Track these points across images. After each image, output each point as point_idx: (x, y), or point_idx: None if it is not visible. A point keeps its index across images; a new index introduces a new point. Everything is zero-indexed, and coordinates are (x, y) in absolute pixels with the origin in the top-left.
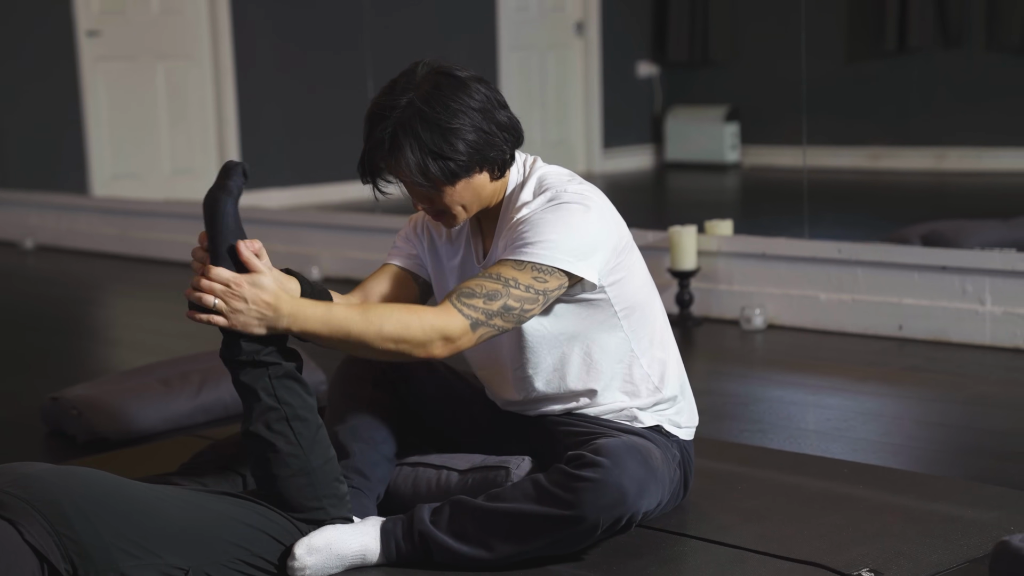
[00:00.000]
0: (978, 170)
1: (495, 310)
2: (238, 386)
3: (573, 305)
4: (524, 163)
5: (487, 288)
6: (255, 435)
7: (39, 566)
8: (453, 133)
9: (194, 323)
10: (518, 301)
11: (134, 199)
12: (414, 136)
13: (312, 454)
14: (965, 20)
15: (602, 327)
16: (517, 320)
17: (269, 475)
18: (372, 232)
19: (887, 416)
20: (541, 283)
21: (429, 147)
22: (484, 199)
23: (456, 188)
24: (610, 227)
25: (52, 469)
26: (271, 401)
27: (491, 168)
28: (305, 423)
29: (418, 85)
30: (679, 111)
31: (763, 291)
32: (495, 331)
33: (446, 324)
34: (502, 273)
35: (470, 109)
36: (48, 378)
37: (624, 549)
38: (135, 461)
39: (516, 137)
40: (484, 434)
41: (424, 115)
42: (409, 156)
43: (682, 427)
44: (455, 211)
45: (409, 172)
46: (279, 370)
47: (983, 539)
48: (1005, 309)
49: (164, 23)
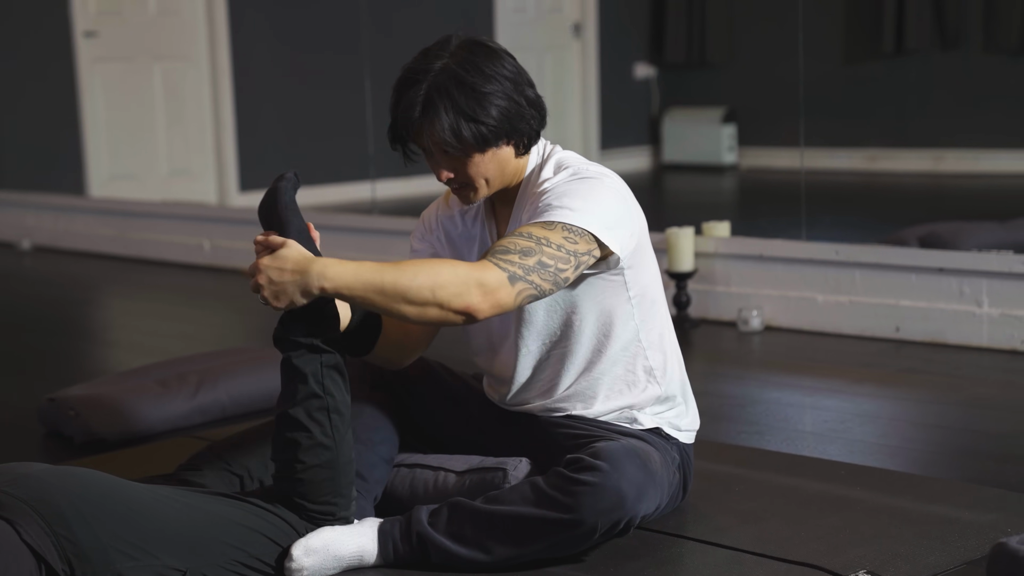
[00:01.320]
0: (976, 172)
1: (531, 265)
2: (287, 367)
3: (591, 279)
4: (543, 147)
5: (520, 245)
6: (293, 419)
7: (36, 566)
8: (486, 98)
9: (193, 323)
10: (552, 259)
11: (131, 200)
12: (449, 98)
13: (341, 451)
14: (963, 22)
15: (614, 308)
16: (553, 281)
17: (294, 460)
18: (370, 233)
19: (884, 418)
20: (572, 244)
21: (464, 109)
22: (507, 176)
23: (484, 157)
24: (631, 207)
25: (50, 470)
26: (317, 388)
27: (518, 141)
28: (342, 418)
29: (452, 52)
30: (676, 112)
31: (760, 293)
32: (533, 289)
33: (482, 274)
34: (532, 232)
35: (503, 78)
36: (45, 379)
37: (621, 551)
38: (133, 462)
39: (541, 115)
40: (482, 435)
41: (460, 78)
42: (444, 117)
43: (682, 430)
44: (478, 184)
45: (443, 134)
46: (331, 359)
47: (980, 541)
48: (1002, 311)
49: (161, 24)
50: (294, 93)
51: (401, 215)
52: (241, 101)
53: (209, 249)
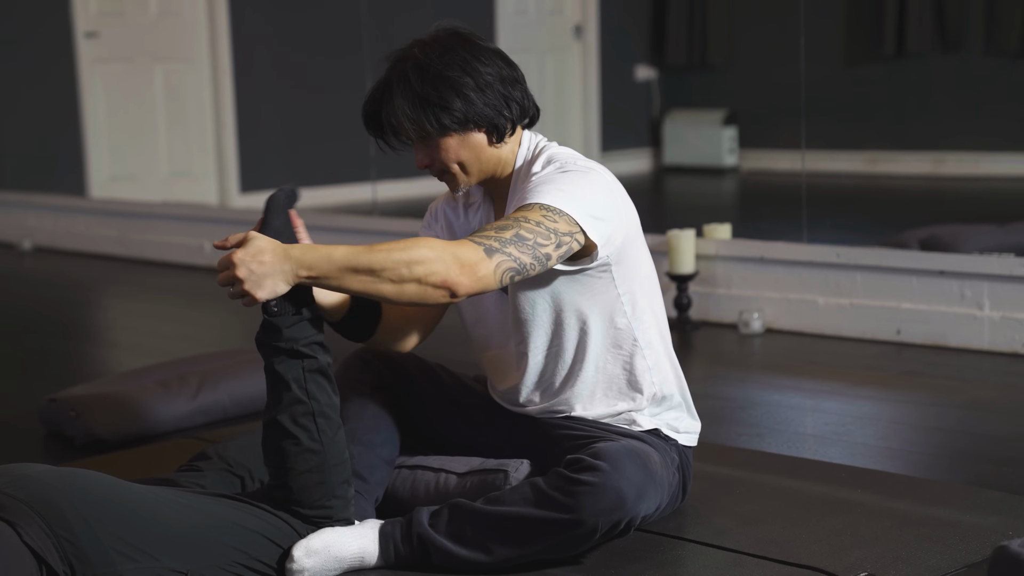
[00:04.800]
0: (976, 175)
1: (507, 238)
2: (270, 374)
3: (576, 275)
4: (536, 143)
5: (496, 224)
6: (280, 425)
7: (37, 568)
8: (446, 82)
9: (194, 324)
10: (530, 233)
11: (132, 201)
12: (406, 81)
13: (330, 453)
14: (963, 25)
15: (607, 308)
16: (532, 255)
17: (284, 467)
18: (371, 235)
19: (885, 420)
20: (551, 222)
21: (419, 93)
22: (485, 164)
23: (452, 142)
24: (618, 203)
25: (50, 471)
26: (301, 394)
27: (489, 130)
28: (329, 421)
29: (424, 40)
30: (677, 115)
31: (761, 295)
32: (512, 262)
33: (457, 249)
34: (510, 215)
35: (471, 67)
36: (46, 380)
37: (622, 553)
38: (133, 463)
39: (522, 111)
40: (483, 437)
41: (419, 63)
42: (399, 100)
43: (681, 432)
44: (453, 169)
45: (400, 117)
46: (314, 364)
47: (981, 544)
48: (1003, 314)
49: (162, 25)
50: (295, 95)
51: (402, 216)
52: (242, 102)
53: (210, 250)
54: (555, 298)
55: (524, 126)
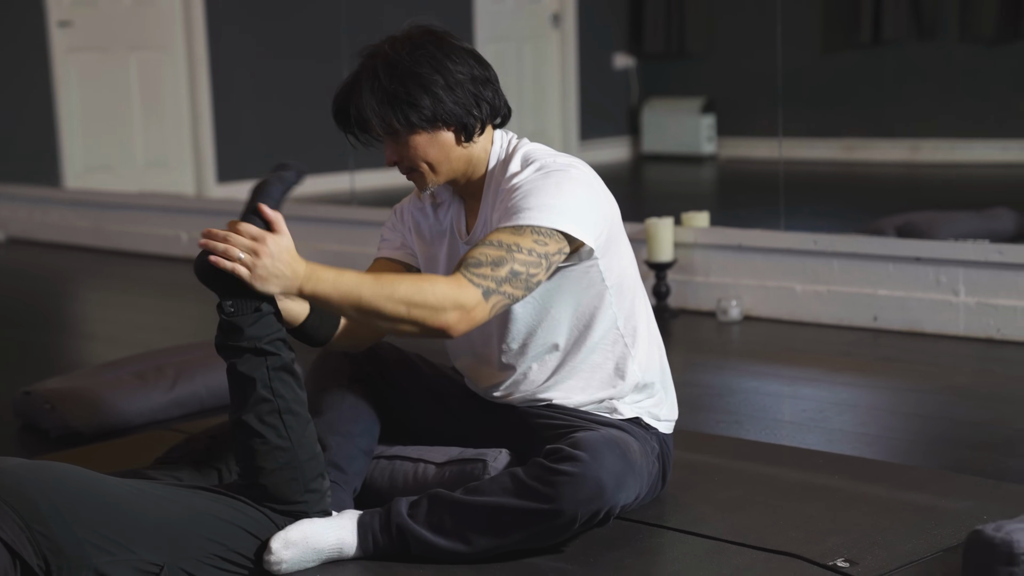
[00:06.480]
0: (952, 161)
1: (503, 276)
2: (232, 374)
3: (563, 270)
4: (508, 141)
5: (491, 256)
6: (246, 425)
7: (11, 562)
8: (414, 79)
9: (170, 316)
10: (523, 265)
11: (107, 191)
12: (375, 77)
13: (300, 449)
14: (939, 12)
15: (591, 298)
16: (525, 287)
17: (255, 466)
18: (349, 224)
19: (862, 407)
20: (542, 246)
21: (387, 89)
22: (455, 163)
23: (420, 140)
24: (599, 195)
25: (24, 464)
26: (266, 393)
27: (458, 129)
28: (296, 417)
29: (396, 37)
30: (655, 103)
31: (739, 283)
32: (507, 299)
33: (459, 294)
34: (503, 240)
35: (443, 67)
36: (21, 372)
37: (602, 541)
38: (109, 455)
39: (493, 111)
40: (461, 427)
41: (389, 59)
42: (367, 96)
43: (661, 420)
44: (421, 168)
45: (365, 112)
46: (277, 361)
47: (957, 528)
48: (979, 300)
49: (137, 14)
50: (272, 83)
51: (380, 206)
52: (218, 91)
53: (187, 241)
54: (543, 295)
55: (495, 125)
